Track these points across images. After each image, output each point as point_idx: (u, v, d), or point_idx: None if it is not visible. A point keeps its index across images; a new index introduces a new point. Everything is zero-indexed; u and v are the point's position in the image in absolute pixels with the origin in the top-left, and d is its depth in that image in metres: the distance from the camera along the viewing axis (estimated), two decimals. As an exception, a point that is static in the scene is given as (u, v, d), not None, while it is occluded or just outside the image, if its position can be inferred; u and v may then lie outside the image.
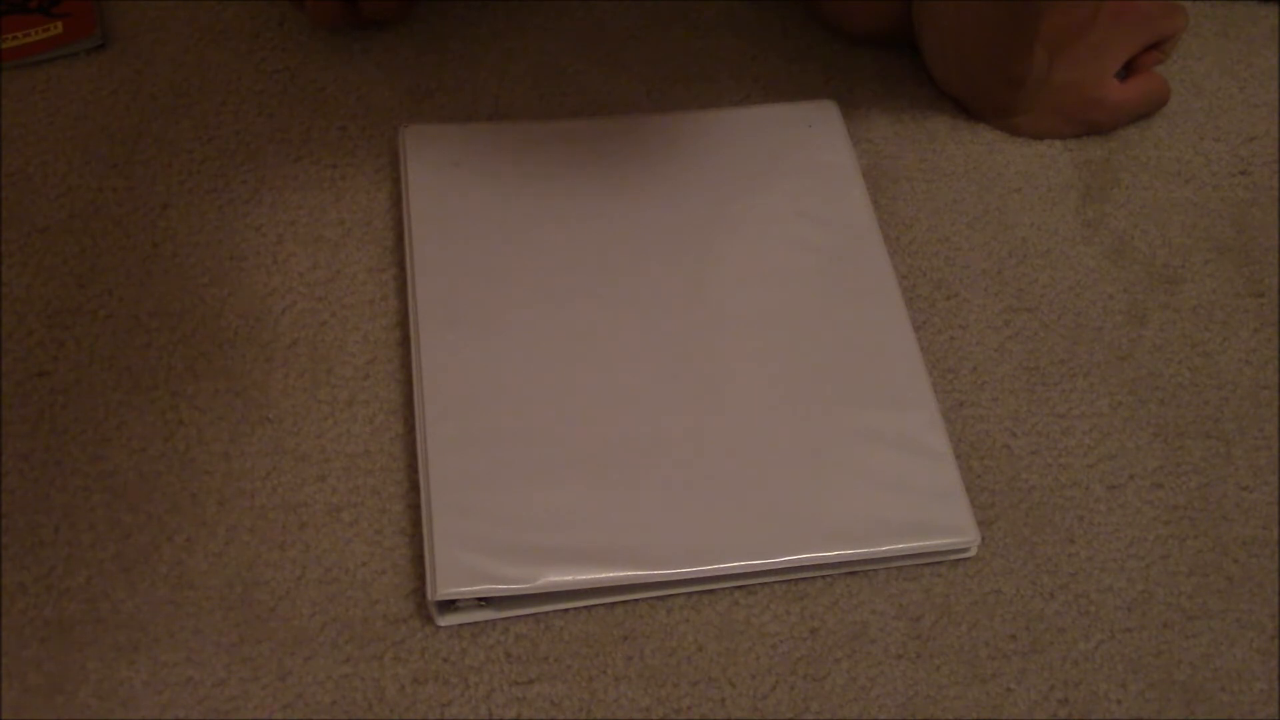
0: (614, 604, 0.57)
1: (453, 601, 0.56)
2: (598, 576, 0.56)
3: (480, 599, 0.55)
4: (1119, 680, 0.57)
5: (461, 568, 0.55)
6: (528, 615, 0.57)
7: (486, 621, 0.56)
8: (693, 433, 0.60)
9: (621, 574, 0.56)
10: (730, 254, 0.66)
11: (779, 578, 0.58)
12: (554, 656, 0.56)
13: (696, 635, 0.57)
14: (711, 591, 0.58)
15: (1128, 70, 0.75)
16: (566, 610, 0.57)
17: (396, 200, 0.70)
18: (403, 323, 0.65)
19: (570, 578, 0.55)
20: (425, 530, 0.56)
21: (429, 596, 0.55)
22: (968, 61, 0.73)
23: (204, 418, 0.61)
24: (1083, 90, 0.73)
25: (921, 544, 0.58)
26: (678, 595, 0.58)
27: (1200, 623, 0.59)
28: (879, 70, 0.78)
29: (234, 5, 0.76)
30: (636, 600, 0.57)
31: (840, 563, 0.58)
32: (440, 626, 0.56)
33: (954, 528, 0.59)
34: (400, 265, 0.67)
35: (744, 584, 0.58)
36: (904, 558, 0.59)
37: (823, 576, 0.59)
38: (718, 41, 0.79)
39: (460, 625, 0.56)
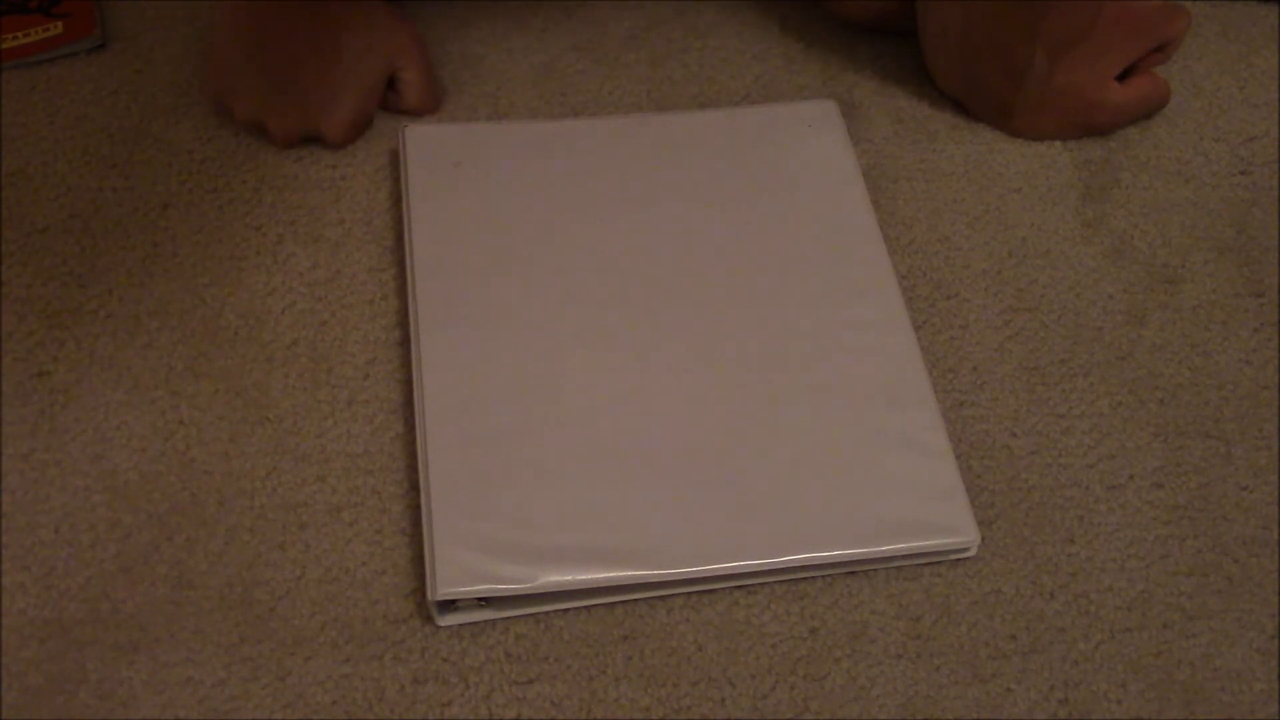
0: (614, 604, 0.57)
1: (453, 601, 0.56)
2: (598, 576, 0.56)
3: (480, 599, 0.55)
4: (1119, 680, 0.57)
5: (461, 568, 0.55)
6: (528, 615, 0.57)
7: (486, 621, 0.56)
8: (692, 432, 0.60)
9: (621, 574, 0.56)
10: (729, 254, 0.66)
11: (779, 578, 0.58)
12: (554, 656, 0.56)
13: (696, 635, 0.57)
14: (711, 591, 0.58)
15: (1128, 70, 0.75)
16: (566, 610, 0.57)
17: (396, 200, 0.70)
18: (403, 323, 0.65)
19: (570, 578, 0.55)
20: (425, 530, 0.56)
21: (429, 596, 0.55)
22: (969, 60, 0.73)
23: (204, 418, 0.61)
24: (1083, 93, 0.73)
25: (921, 544, 0.58)
26: (678, 595, 0.58)
27: (1200, 623, 0.59)
28: (879, 70, 0.78)
29: (234, 5, 0.76)
30: (636, 600, 0.57)
31: (840, 563, 0.58)
32: (440, 626, 0.56)
33: (954, 528, 0.59)
34: (400, 265, 0.67)
35: (744, 584, 0.58)
36: (904, 558, 0.59)
37: (823, 576, 0.59)
38: (718, 41, 0.79)
39: (460, 625, 0.56)
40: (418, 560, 0.58)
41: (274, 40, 0.68)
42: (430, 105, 0.73)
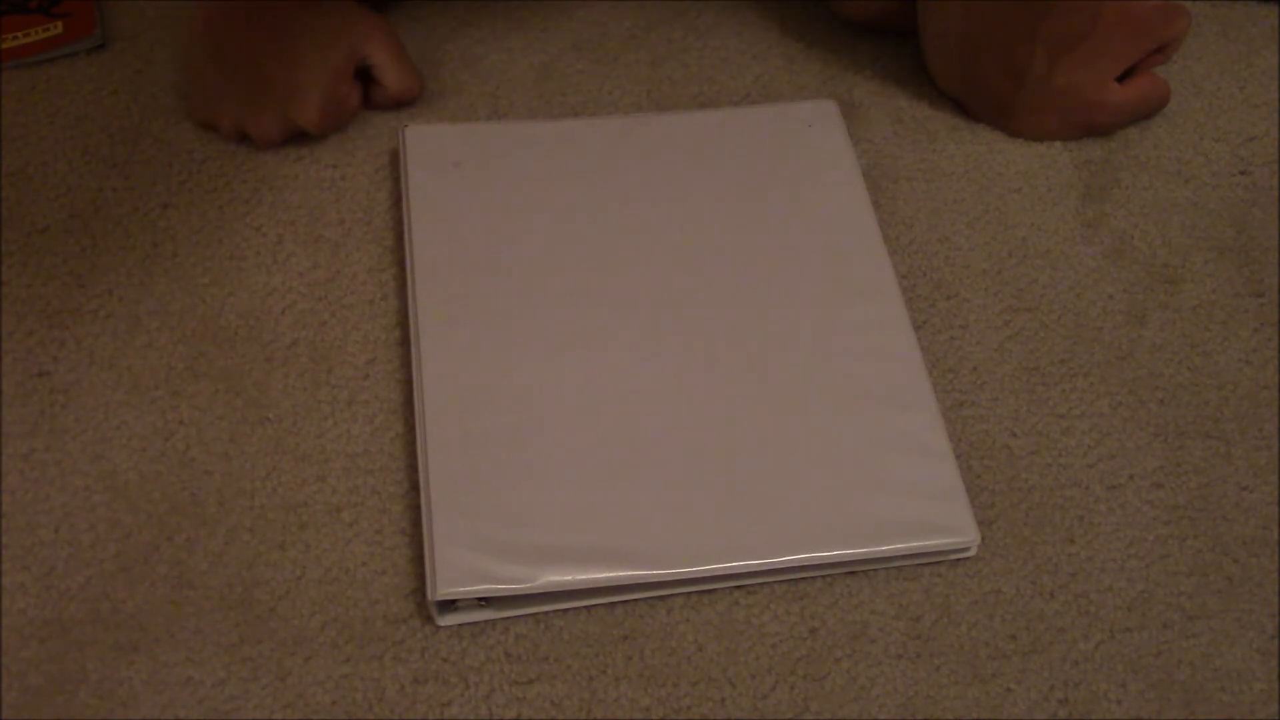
0: (614, 604, 0.57)
1: (453, 601, 0.56)
2: (598, 576, 0.56)
3: (480, 599, 0.55)
4: (1119, 680, 0.57)
5: (461, 568, 0.55)
6: (528, 615, 0.57)
7: (486, 621, 0.56)
8: (692, 432, 0.60)
9: (621, 574, 0.56)
10: (729, 254, 0.66)
11: (779, 578, 0.58)
12: (554, 656, 0.56)
13: (696, 635, 0.57)
14: (711, 591, 0.58)
15: (1128, 70, 0.75)
16: (566, 610, 0.57)
17: (396, 200, 0.70)
18: (403, 323, 0.65)
19: (570, 578, 0.55)
20: (425, 530, 0.56)
21: (429, 596, 0.55)
22: (969, 60, 0.73)
23: (204, 418, 0.61)
24: (1084, 93, 0.73)
25: (921, 544, 0.58)
26: (678, 595, 0.58)
27: (1200, 623, 0.59)
28: (879, 70, 0.78)
29: (234, 5, 0.76)
30: (636, 600, 0.57)
31: (840, 563, 0.58)
32: (440, 626, 0.56)
33: (954, 528, 0.59)
34: (400, 265, 0.67)
35: (744, 584, 0.58)
36: (904, 558, 0.59)
37: (823, 576, 0.59)
38: (718, 41, 0.79)
39: (460, 625, 0.56)
40: (418, 560, 0.58)
41: (236, 46, 0.68)
42: (411, 87, 0.73)
